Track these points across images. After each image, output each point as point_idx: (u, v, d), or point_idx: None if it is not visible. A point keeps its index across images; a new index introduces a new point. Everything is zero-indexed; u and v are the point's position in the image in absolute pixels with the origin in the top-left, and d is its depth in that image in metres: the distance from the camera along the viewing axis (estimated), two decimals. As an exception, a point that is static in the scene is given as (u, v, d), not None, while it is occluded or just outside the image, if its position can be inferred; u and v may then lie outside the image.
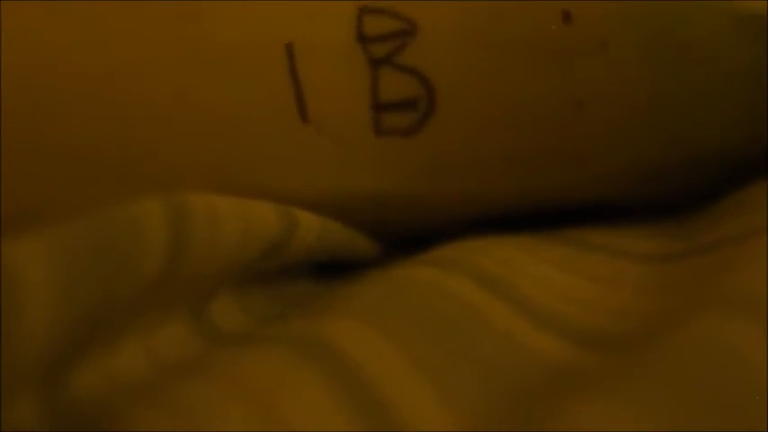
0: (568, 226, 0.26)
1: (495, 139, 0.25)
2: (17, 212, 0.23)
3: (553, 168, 0.25)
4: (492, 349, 0.19)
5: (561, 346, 0.19)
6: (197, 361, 0.19)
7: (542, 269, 0.23)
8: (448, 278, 0.22)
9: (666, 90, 0.25)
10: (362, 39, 0.24)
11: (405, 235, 0.26)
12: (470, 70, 0.24)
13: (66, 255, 0.16)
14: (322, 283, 0.26)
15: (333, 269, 0.26)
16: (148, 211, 0.18)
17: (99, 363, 0.19)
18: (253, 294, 0.24)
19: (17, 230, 0.16)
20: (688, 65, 0.25)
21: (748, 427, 0.14)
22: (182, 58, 0.24)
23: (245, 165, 0.24)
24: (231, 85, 0.24)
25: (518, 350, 0.19)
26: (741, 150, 0.26)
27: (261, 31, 0.24)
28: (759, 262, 0.18)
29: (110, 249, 0.17)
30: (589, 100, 0.25)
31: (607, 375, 0.16)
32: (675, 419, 0.15)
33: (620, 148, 0.25)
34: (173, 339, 0.21)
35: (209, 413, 0.16)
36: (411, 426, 0.17)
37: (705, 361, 0.16)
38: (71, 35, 0.24)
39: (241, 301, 0.23)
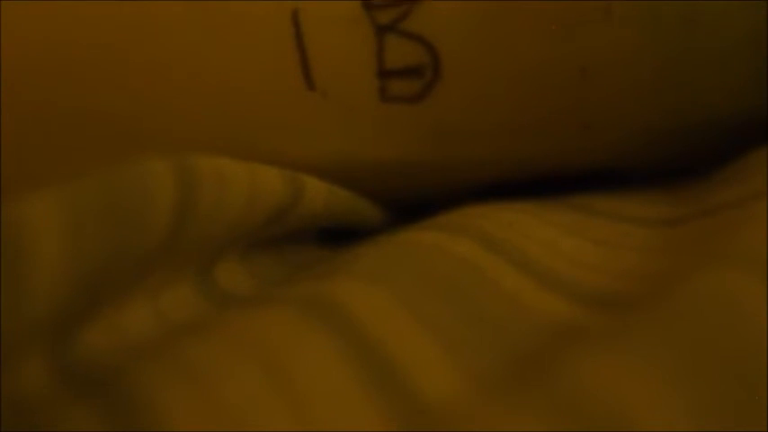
0: (575, 193, 0.26)
1: (500, 106, 0.25)
2: (26, 179, 0.23)
3: (558, 135, 0.26)
4: (498, 310, 0.19)
5: (567, 307, 0.19)
6: (205, 321, 0.19)
7: (548, 232, 0.23)
8: (453, 241, 0.22)
9: (670, 57, 0.25)
10: (368, 5, 0.24)
11: (410, 202, 0.26)
12: (475, 37, 0.24)
13: (74, 212, 0.16)
14: (328, 248, 0.26)
15: (338, 235, 0.26)
16: (156, 170, 0.18)
17: (107, 322, 0.19)
18: (259, 259, 0.24)
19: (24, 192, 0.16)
20: (691, 31, 0.25)
21: (748, 377, 0.14)
22: (188, 26, 0.24)
23: (252, 131, 0.24)
24: (238, 53, 0.24)
25: (524, 311, 0.19)
26: (743, 117, 0.26)
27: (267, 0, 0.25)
28: (760, 222, 0.19)
29: (117, 207, 0.17)
30: (594, 67, 0.25)
31: (612, 333, 0.17)
32: (678, 371, 0.15)
33: (625, 116, 0.25)
34: (180, 300, 0.21)
35: (218, 372, 0.16)
36: (418, 384, 0.17)
37: (706, 314, 0.16)
38: (79, 3, 0.24)
39: (247, 266, 0.23)
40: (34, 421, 0.16)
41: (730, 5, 0.25)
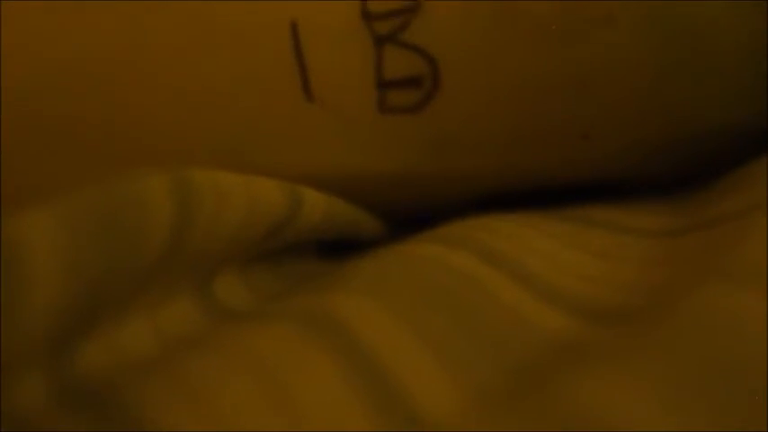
0: (572, 204, 0.26)
1: (499, 117, 0.25)
2: (21, 191, 0.23)
3: (557, 146, 0.25)
4: (498, 324, 0.19)
5: (567, 321, 0.19)
6: (203, 337, 0.19)
7: (547, 245, 0.23)
8: (453, 254, 0.22)
9: (669, 67, 0.25)
10: (367, 16, 0.24)
11: (410, 213, 0.26)
12: (474, 47, 0.24)
13: (72, 227, 0.16)
14: (327, 261, 0.26)
15: (338, 248, 0.26)
16: (154, 185, 0.18)
17: (105, 338, 0.19)
18: (258, 272, 0.24)
19: (20, 206, 0.16)
20: (691, 40, 0.25)
21: (750, 395, 0.14)
22: (187, 37, 0.24)
23: (252, 143, 0.24)
24: (236, 64, 0.24)
25: (524, 325, 0.19)
26: (743, 126, 0.26)
27: (265, 10, 0.24)
28: (760, 235, 0.18)
29: (115, 223, 0.17)
30: (594, 76, 0.25)
31: (613, 349, 0.16)
32: (678, 390, 0.15)
33: (624, 126, 0.25)
34: (178, 315, 0.21)
35: (217, 389, 0.16)
36: (416, 399, 0.17)
37: (707, 332, 0.16)
38: (75, 14, 0.24)
39: (247, 279, 0.23)
40: None
41: (730, 14, 0.25)
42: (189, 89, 0.24)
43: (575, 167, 0.26)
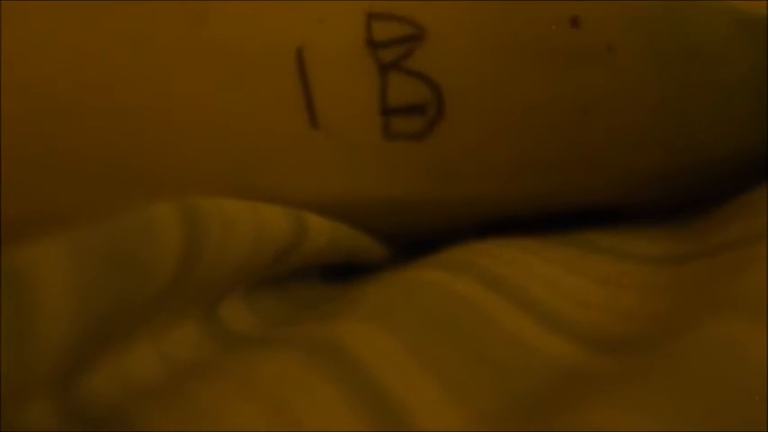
0: (576, 229, 0.26)
1: (503, 143, 0.25)
2: (24, 219, 0.23)
3: (561, 173, 0.26)
4: (501, 351, 0.19)
5: (570, 349, 0.19)
6: (210, 363, 0.19)
7: (549, 271, 0.23)
8: (456, 280, 0.22)
9: (672, 94, 0.25)
10: (372, 44, 0.24)
11: (414, 238, 0.26)
12: (478, 75, 0.25)
13: (83, 258, 0.16)
14: (332, 285, 0.26)
15: (343, 272, 0.26)
16: (162, 214, 0.19)
17: (112, 366, 0.19)
18: (263, 297, 0.24)
19: (26, 236, 0.16)
20: (693, 69, 0.25)
21: (752, 426, 0.15)
22: (191, 62, 0.24)
23: (256, 169, 0.25)
24: (241, 91, 0.24)
25: (527, 352, 0.19)
26: (745, 155, 0.26)
27: (271, 36, 0.25)
28: (762, 265, 0.19)
29: (124, 253, 0.17)
30: (596, 104, 0.25)
31: (616, 379, 0.17)
32: (685, 423, 0.15)
33: (627, 153, 0.26)
34: (185, 342, 0.21)
35: (224, 415, 0.17)
36: (422, 427, 0.17)
37: (713, 365, 0.16)
38: (77, 39, 0.24)
39: (252, 304, 0.23)
40: None
41: (731, 42, 0.25)
42: (194, 115, 0.24)
43: (578, 194, 0.26)
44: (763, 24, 0.25)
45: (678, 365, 0.16)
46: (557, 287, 0.22)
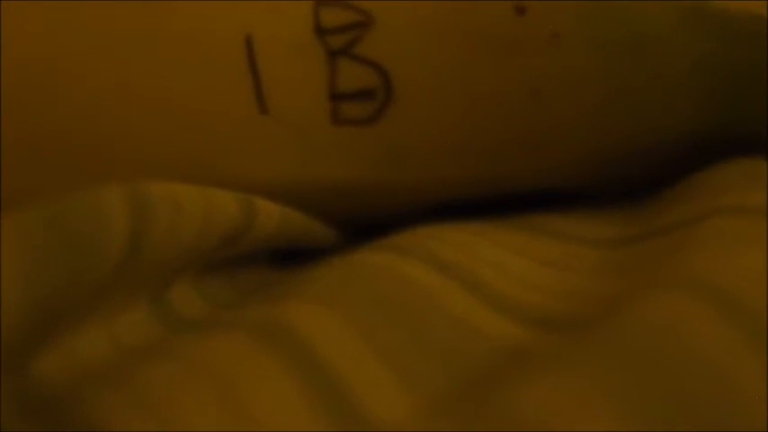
0: (526, 213, 0.26)
1: (452, 129, 0.25)
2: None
3: (511, 156, 0.26)
4: (448, 333, 0.19)
5: (517, 330, 0.20)
6: (159, 346, 0.19)
7: (498, 254, 0.23)
8: (404, 263, 0.22)
9: (619, 81, 0.26)
10: (320, 30, 0.25)
11: (365, 222, 0.26)
12: (427, 61, 0.25)
13: (30, 241, 0.16)
14: (281, 270, 0.26)
15: (291, 256, 0.26)
16: (110, 197, 0.19)
17: (62, 347, 0.19)
18: (212, 281, 0.24)
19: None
20: (639, 56, 0.25)
21: (690, 402, 0.15)
22: (141, 50, 0.25)
23: (206, 155, 0.25)
24: (193, 77, 0.25)
25: (473, 333, 0.20)
26: (692, 139, 0.26)
27: (220, 24, 0.25)
28: (704, 245, 0.19)
29: (72, 235, 0.17)
30: (543, 90, 0.25)
31: (553, 354, 0.17)
32: (623, 396, 0.15)
33: (576, 137, 0.26)
34: (134, 324, 0.21)
35: (172, 398, 0.17)
36: (369, 408, 0.17)
37: (651, 340, 0.16)
38: (32, 29, 0.24)
39: (200, 288, 0.23)
40: None
41: (677, 30, 0.26)
42: (145, 100, 0.24)
43: (527, 177, 0.27)
44: (710, 12, 0.26)
45: (616, 343, 0.16)
46: (504, 270, 0.22)
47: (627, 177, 0.27)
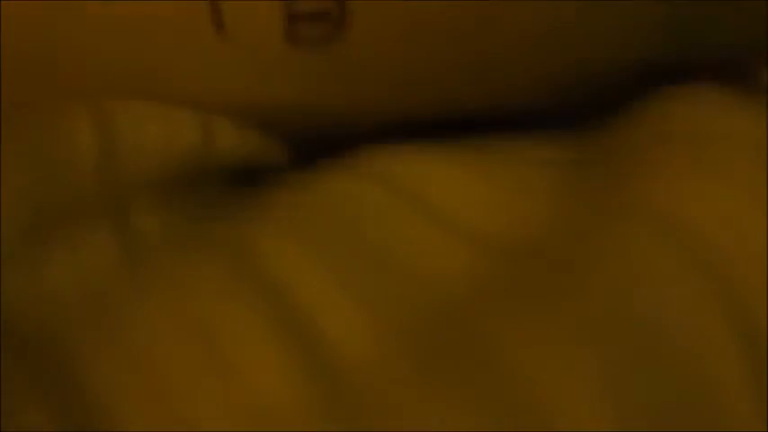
0: (481, 135, 0.27)
1: (405, 51, 0.26)
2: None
3: (461, 79, 0.26)
4: (408, 260, 0.20)
5: (473, 254, 0.20)
6: (127, 276, 0.19)
7: (452, 176, 0.23)
8: (361, 186, 0.22)
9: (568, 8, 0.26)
10: (277, -50, 0.24)
11: (320, 141, 0.26)
12: None
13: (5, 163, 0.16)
14: (236, 190, 0.26)
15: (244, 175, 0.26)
16: (76, 118, 0.19)
17: (30, 272, 0.19)
18: (172, 203, 0.24)
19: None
20: None
21: (655, 339, 0.16)
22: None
23: (165, 75, 0.24)
24: None
25: (433, 259, 0.20)
26: (645, 64, 0.27)
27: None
28: (657, 173, 0.20)
29: (39, 158, 0.17)
30: (495, 15, 0.26)
31: (523, 290, 0.18)
32: (580, 330, 0.16)
33: (526, 60, 0.26)
34: (100, 250, 0.21)
35: (146, 334, 0.17)
36: (333, 340, 0.17)
37: (606, 273, 0.17)
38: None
39: (161, 212, 0.23)
40: None
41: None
42: (101, 19, 0.24)
43: (478, 101, 0.27)
44: None
45: (573, 277, 0.17)
46: (458, 192, 0.23)
47: (582, 103, 0.28)
